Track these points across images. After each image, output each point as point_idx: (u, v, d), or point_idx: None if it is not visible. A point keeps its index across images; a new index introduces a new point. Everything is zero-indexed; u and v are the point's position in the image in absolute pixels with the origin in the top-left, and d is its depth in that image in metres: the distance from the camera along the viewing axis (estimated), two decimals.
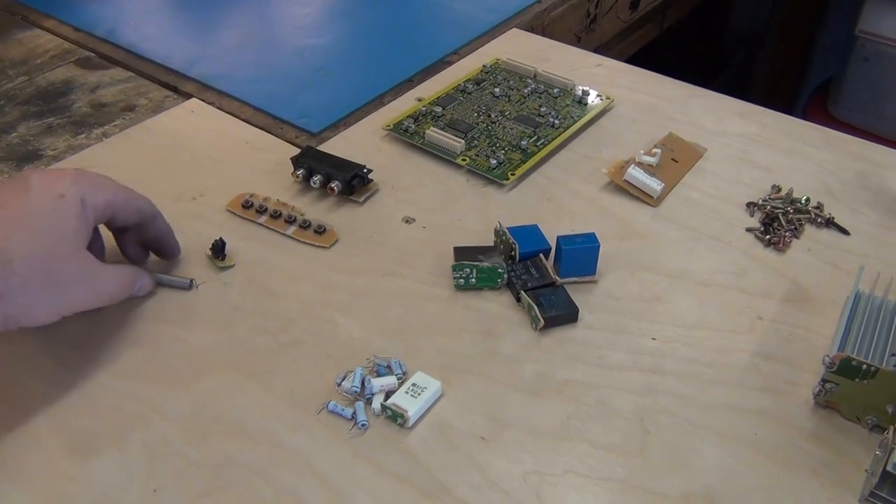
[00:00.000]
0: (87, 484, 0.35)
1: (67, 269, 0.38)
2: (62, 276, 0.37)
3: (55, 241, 0.37)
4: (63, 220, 0.38)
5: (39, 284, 0.36)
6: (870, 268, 0.44)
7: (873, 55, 1.25)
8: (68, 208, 0.38)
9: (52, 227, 0.37)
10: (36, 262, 0.36)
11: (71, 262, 0.38)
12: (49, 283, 0.37)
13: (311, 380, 0.40)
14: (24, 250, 0.36)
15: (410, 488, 0.35)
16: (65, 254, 0.38)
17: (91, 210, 0.39)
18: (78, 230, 0.38)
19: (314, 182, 0.51)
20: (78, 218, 0.38)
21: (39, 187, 0.38)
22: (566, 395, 0.40)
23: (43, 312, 0.37)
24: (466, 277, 0.45)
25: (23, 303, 0.36)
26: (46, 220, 0.37)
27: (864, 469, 0.36)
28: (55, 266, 0.37)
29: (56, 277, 0.37)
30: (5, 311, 0.36)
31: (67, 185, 0.39)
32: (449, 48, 0.70)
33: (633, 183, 0.52)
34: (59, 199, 0.38)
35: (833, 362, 0.37)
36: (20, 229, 0.36)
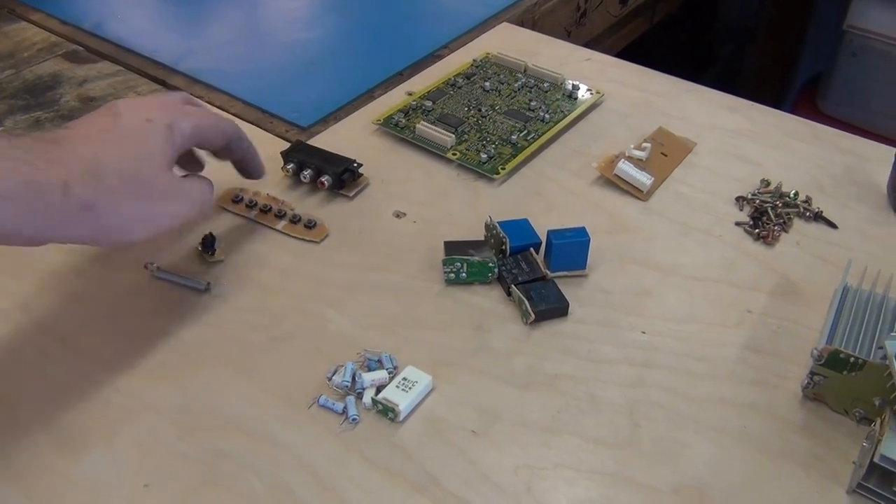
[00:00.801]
0: (77, 480, 0.35)
1: (154, 185, 0.39)
2: (150, 191, 0.39)
3: (142, 158, 0.38)
4: (150, 141, 0.39)
5: (129, 197, 0.37)
6: (857, 261, 0.44)
7: (861, 50, 1.25)
8: (155, 130, 0.40)
9: (140, 145, 0.39)
10: (125, 175, 0.37)
11: (157, 179, 0.39)
12: (138, 196, 0.38)
13: (301, 374, 0.40)
14: (113, 164, 0.37)
15: (401, 482, 0.36)
16: (151, 170, 0.39)
17: (178, 134, 0.41)
18: (164, 150, 0.40)
19: (304, 176, 0.51)
20: (165, 140, 0.40)
21: (128, 112, 0.40)
22: (556, 389, 0.40)
23: (134, 229, 0.38)
24: (457, 272, 0.45)
25: (115, 215, 0.37)
26: (134, 140, 0.39)
27: (851, 461, 0.37)
28: (143, 181, 0.38)
29: (144, 192, 0.38)
30: (97, 223, 0.36)
31: (154, 110, 0.40)
32: (439, 42, 0.70)
33: (623, 177, 0.53)
34: (146, 123, 0.40)
35: (821, 355, 0.37)
36: (109, 146, 0.38)
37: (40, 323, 0.42)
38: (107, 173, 0.37)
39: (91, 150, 0.37)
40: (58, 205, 0.35)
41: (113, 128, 0.39)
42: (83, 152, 0.37)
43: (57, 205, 0.35)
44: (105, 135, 0.38)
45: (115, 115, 0.39)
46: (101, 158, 0.37)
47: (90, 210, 0.36)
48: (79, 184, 0.35)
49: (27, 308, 0.43)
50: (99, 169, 0.36)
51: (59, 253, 0.46)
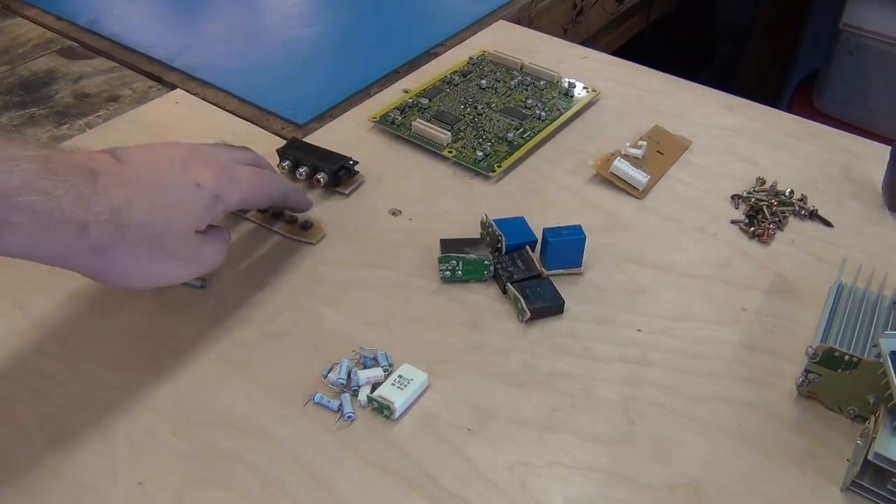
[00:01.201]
0: (71, 477, 0.35)
1: (174, 248, 0.38)
2: (167, 251, 0.38)
3: (172, 221, 0.38)
4: (190, 206, 0.39)
5: (143, 252, 0.37)
6: (852, 259, 0.45)
7: (857, 49, 1.25)
8: (200, 198, 0.39)
9: (176, 208, 0.38)
10: (148, 232, 0.37)
11: (179, 243, 0.38)
12: (152, 254, 0.37)
13: (297, 372, 0.40)
14: (140, 218, 0.36)
15: (397, 480, 0.36)
16: (177, 234, 0.38)
17: (222, 205, 0.40)
18: (200, 217, 0.39)
19: (300, 174, 0.51)
20: (205, 208, 0.39)
21: (183, 170, 0.39)
22: (552, 387, 0.40)
23: (136, 280, 0.38)
24: (453, 269, 0.45)
25: (122, 265, 0.37)
26: (173, 201, 0.38)
27: (846, 458, 0.37)
28: (164, 242, 0.38)
29: (160, 251, 0.38)
30: (102, 266, 0.36)
31: (209, 179, 0.40)
32: (435, 40, 0.70)
33: (619, 175, 0.53)
34: (194, 188, 0.39)
35: (816, 353, 0.37)
36: (146, 198, 0.37)
37: (35, 320, 0.42)
38: (130, 225, 0.36)
39: (125, 195, 0.36)
40: (69, 244, 0.35)
41: (158, 178, 0.38)
42: (116, 196, 0.36)
43: (68, 244, 0.35)
44: (147, 183, 0.37)
45: (170, 166, 0.39)
46: (131, 207, 0.36)
47: (100, 255, 0.36)
48: (97, 228, 0.35)
49: (22, 305, 0.43)
50: (125, 219, 0.36)
51: None
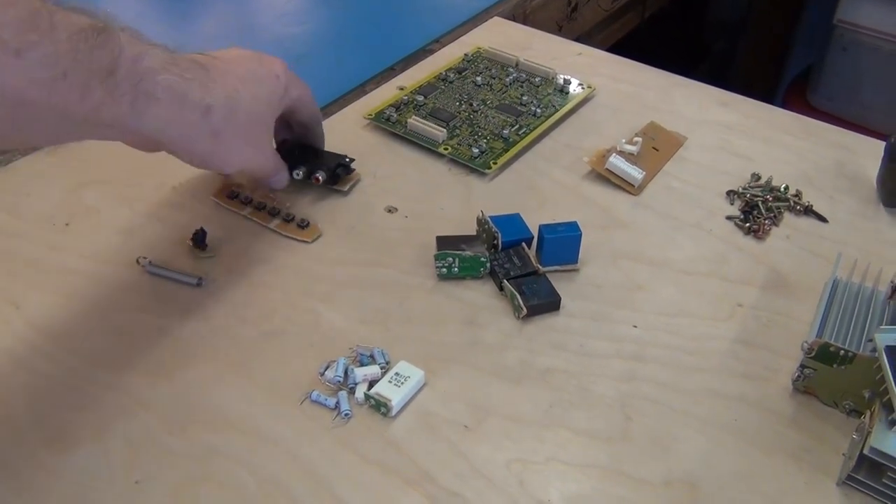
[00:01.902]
0: (68, 476, 0.35)
1: (263, 132, 0.45)
2: (258, 136, 0.44)
3: (265, 107, 0.44)
4: (272, 95, 0.45)
5: (243, 138, 0.43)
6: (847, 255, 0.45)
7: (851, 45, 1.26)
8: (278, 88, 0.45)
9: (268, 96, 0.45)
10: (251, 118, 0.43)
11: (265, 130, 0.45)
12: (247, 139, 0.43)
13: (293, 370, 0.40)
14: (246, 105, 0.42)
15: (394, 477, 0.36)
16: (266, 120, 0.45)
17: (288, 98, 0.46)
18: (277, 108, 0.46)
19: (297, 174, 0.50)
20: (281, 98, 0.46)
21: (262, 63, 0.45)
22: (549, 383, 0.40)
23: (233, 160, 0.44)
24: (449, 266, 0.45)
25: (229, 148, 0.42)
26: (265, 89, 0.44)
27: (841, 453, 0.37)
28: (259, 127, 0.44)
29: (255, 135, 0.44)
30: (215, 148, 0.41)
31: (281, 71, 0.46)
32: (430, 36, 0.70)
33: (615, 171, 0.53)
34: (275, 78, 0.45)
35: (811, 348, 0.37)
36: (248, 87, 0.43)
37: (31, 319, 0.42)
38: (240, 111, 0.42)
39: (232, 84, 0.41)
40: (196, 123, 0.40)
41: (250, 71, 0.44)
42: (226, 85, 0.41)
43: (195, 124, 0.40)
44: (244, 75, 0.43)
45: (254, 60, 0.45)
46: (238, 96, 0.42)
47: (216, 136, 0.41)
48: (218, 112, 0.40)
49: (17, 304, 0.43)
50: (236, 104, 0.41)
51: (49, 249, 0.46)
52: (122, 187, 0.51)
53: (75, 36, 0.33)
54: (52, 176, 0.51)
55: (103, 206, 0.49)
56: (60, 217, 0.48)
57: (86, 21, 0.34)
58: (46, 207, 0.49)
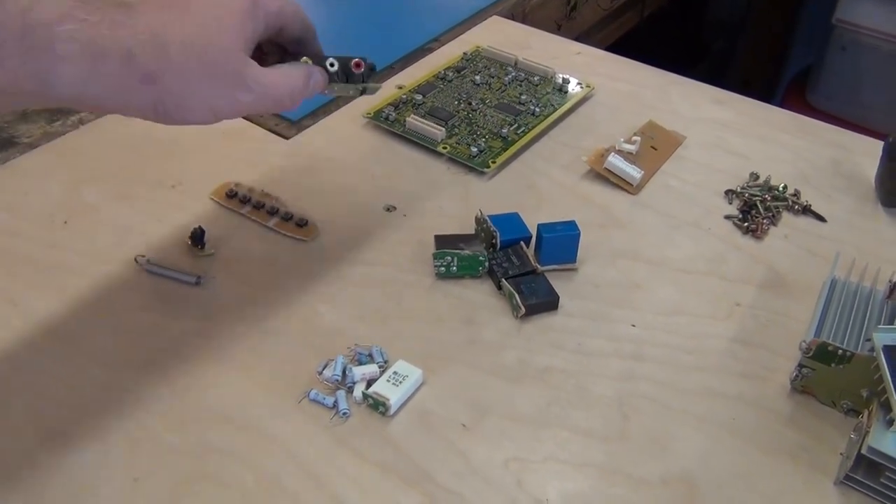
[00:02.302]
0: (66, 474, 0.35)
1: (226, 66, 0.36)
2: (220, 71, 0.35)
3: (214, 33, 0.35)
4: (228, 14, 0.36)
5: (195, 74, 0.35)
6: (845, 254, 0.45)
7: (850, 44, 1.26)
8: (238, 4, 0.36)
9: (215, 19, 0.35)
10: (193, 50, 0.34)
11: (230, 59, 0.36)
12: (206, 75, 0.35)
13: (292, 368, 0.40)
14: (181, 37, 0.34)
15: (392, 476, 0.36)
16: (225, 49, 0.35)
17: (262, 11, 0.37)
18: (241, 26, 0.36)
19: (332, 64, 0.43)
20: (245, 14, 0.36)
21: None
22: (547, 382, 0.40)
23: (197, 105, 0.35)
24: (447, 265, 0.45)
25: (178, 91, 0.34)
26: (211, 11, 0.36)
27: (839, 452, 0.37)
28: (213, 59, 0.35)
29: (214, 72, 0.35)
30: (159, 94, 0.34)
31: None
32: (429, 35, 0.70)
33: (613, 171, 0.53)
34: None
35: (809, 348, 0.37)
36: (180, 15, 0.35)
37: (29, 317, 0.42)
38: (173, 45, 0.34)
39: (160, 18, 0.34)
40: (118, 73, 0.33)
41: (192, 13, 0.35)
42: (151, 20, 0.34)
43: (117, 73, 0.33)
44: (178, 6, 0.35)
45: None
46: (168, 29, 0.34)
47: (152, 83, 0.34)
48: (142, 54, 0.33)
49: (16, 302, 0.43)
50: (166, 40, 0.34)
51: (47, 247, 0.46)
52: (121, 186, 0.51)
53: None
54: (50, 174, 0.51)
55: (102, 205, 0.49)
56: (59, 215, 0.48)
57: None
58: (45, 206, 0.49)
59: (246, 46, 0.37)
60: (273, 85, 0.38)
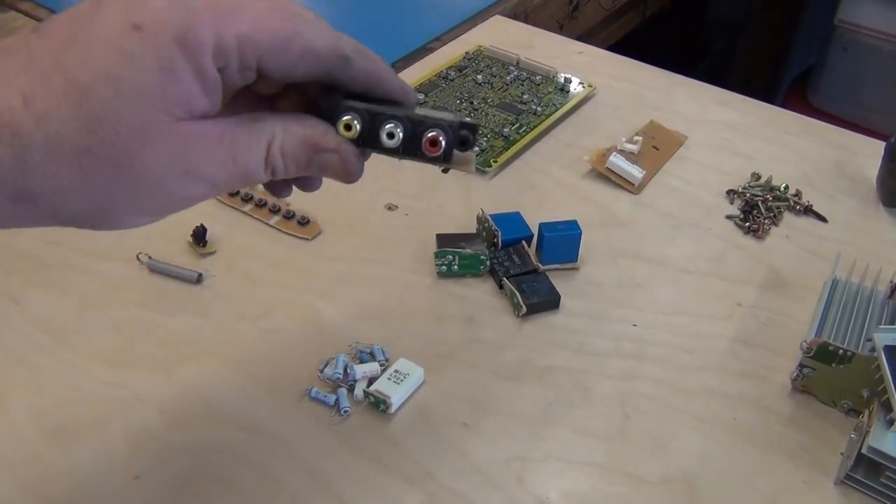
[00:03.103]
0: (67, 471, 0.35)
1: (140, 161, 0.23)
2: (133, 171, 0.23)
3: (116, 110, 0.22)
4: (133, 70, 0.22)
5: (96, 180, 0.22)
6: (846, 254, 0.45)
7: (852, 45, 1.25)
8: (147, 48, 0.22)
9: (115, 80, 0.22)
10: (81, 147, 0.22)
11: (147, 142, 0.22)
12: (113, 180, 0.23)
13: (293, 366, 0.40)
14: (62, 124, 0.21)
15: (393, 474, 0.36)
16: (132, 131, 0.22)
17: (201, 51, 0.23)
18: (160, 90, 0.22)
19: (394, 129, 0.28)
20: (162, 70, 0.22)
21: (109, 10, 0.23)
22: (548, 381, 0.40)
23: (115, 220, 0.24)
24: (449, 264, 0.45)
25: (73, 208, 0.23)
26: (103, 70, 0.22)
27: (839, 452, 0.37)
28: (115, 156, 0.22)
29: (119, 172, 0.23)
30: (44, 217, 0.23)
31: (154, 7, 0.22)
32: (431, 35, 0.70)
33: (615, 170, 0.53)
34: (129, 34, 0.22)
35: (810, 347, 0.37)
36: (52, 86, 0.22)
37: (31, 314, 0.42)
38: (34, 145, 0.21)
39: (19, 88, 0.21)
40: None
41: (75, 38, 0.22)
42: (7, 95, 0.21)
43: None
44: (57, 56, 0.22)
45: (92, 14, 0.23)
46: (31, 108, 0.21)
47: (27, 202, 0.22)
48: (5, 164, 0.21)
49: (16, 299, 0.43)
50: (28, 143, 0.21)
51: (48, 244, 0.46)
52: None
53: None
54: None
55: None
56: None
57: None
58: None
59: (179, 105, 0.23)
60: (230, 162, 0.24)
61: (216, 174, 0.24)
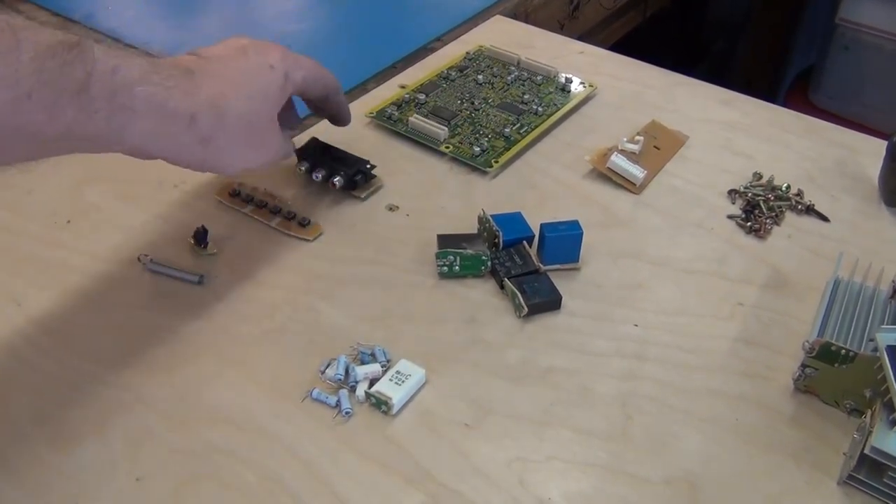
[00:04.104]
0: (69, 473, 0.35)
1: (262, 132, 0.42)
2: (257, 135, 0.42)
3: (260, 104, 0.42)
4: (270, 89, 0.42)
5: (240, 140, 0.41)
6: (849, 254, 0.45)
7: (853, 43, 1.25)
8: (275, 78, 0.43)
9: (261, 93, 0.42)
10: (243, 119, 0.40)
11: (267, 127, 0.43)
12: (246, 138, 0.41)
13: (294, 367, 0.40)
14: (236, 106, 0.40)
15: (395, 475, 0.36)
16: (265, 118, 0.42)
17: (291, 84, 0.44)
18: (278, 98, 0.43)
19: (317, 177, 0.50)
20: (280, 88, 0.43)
21: (255, 55, 0.42)
22: (549, 382, 0.40)
23: (234, 163, 0.42)
24: (450, 265, 0.45)
25: (224, 153, 0.40)
26: (257, 85, 0.42)
27: (842, 452, 0.37)
28: (255, 126, 0.42)
29: (252, 135, 0.42)
30: (208, 154, 0.40)
31: (277, 58, 0.43)
32: (432, 35, 0.70)
33: (616, 170, 0.53)
34: (269, 69, 0.42)
35: (813, 347, 0.37)
36: (235, 86, 0.40)
37: (32, 316, 0.42)
38: (229, 113, 0.39)
39: (219, 87, 0.39)
40: (182, 133, 0.38)
41: (240, 68, 0.41)
42: (212, 89, 0.39)
43: (181, 133, 0.38)
44: (233, 74, 0.41)
45: (243, 54, 0.42)
46: (226, 98, 0.39)
47: (207, 143, 0.39)
48: (204, 119, 0.38)
49: (19, 301, 0.43)
50: (224, 108, 0.39)
51: (51, 247, 0.46)
52: (124, 185, 0.51)
53: (43, 54, 0.32)
54: (53, 173, 0.51)
55: (105, 204, 0.49)
56: (62, 214, 0.48)
57: (56, 37, 0.32)
58: (48, 205, 0.49)
59: (277, 113, 0.43)
60: (281, 149, 0.45)
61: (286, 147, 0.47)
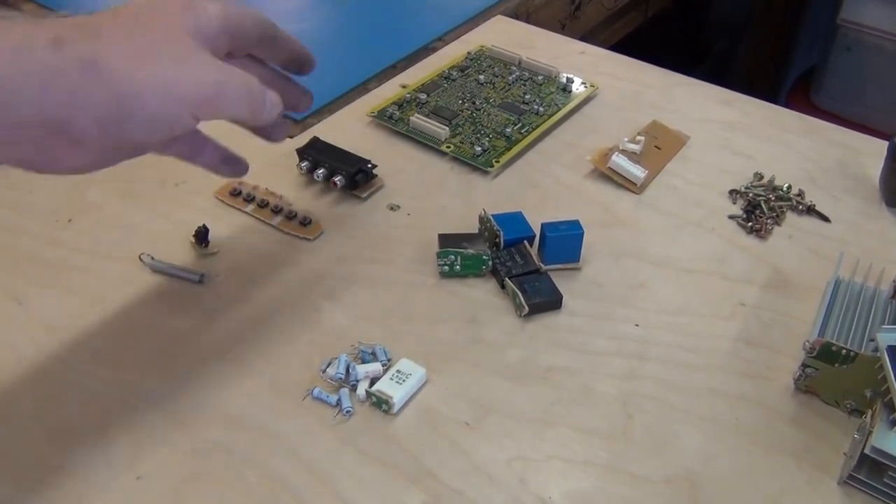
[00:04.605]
0: (70, 471, 0.35)
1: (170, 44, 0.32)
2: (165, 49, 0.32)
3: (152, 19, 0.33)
4: (165, 8, 0.33)
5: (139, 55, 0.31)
6: (849, 254, 0.45)
7: (855, 44, 1.25)
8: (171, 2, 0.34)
9: (150, 8, 0.33)
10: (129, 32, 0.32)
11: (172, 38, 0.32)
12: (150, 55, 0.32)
13: (295, 366, 0.40)
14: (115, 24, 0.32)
15: (395, 474, 0.36)
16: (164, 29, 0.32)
17: (202, 11, 0.34)
18: (182, 20, 0.33)
19: (318, 175, 0.50)
20: (184, 8, 0.34)
21: None
22: (550, 381, 0.40)
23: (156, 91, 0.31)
24: (451, 264, 0.45)
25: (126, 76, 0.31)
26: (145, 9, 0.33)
27: (842, 452, 0.37)
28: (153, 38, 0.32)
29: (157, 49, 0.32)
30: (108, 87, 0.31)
31: None
32: (433, 35, 0.70)
33: (617, 170, 0.53)
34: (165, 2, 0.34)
35: (813, 347, 0.37)
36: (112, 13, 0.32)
37: (34, 315, 0.42)
38: (106, 30, 0.31)
39: (92, 17, 0.32)
40: (52, 62, 0.29)
41: (123, 9, 0.33)
42: (81, 19, 0.32)
43: (51, 62, 0.29)
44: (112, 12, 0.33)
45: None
46: (100, 21, 0.32)
47: (92, 68, 0.30)
48: (71, 37, 0.30)
49: (20, 300, 0.43)
50: (98, 27, 0.31)
51: (52, 245, 0.46)
52: (125, 184, 0.51)
53: None
54: None
55: (106, 203, 0.49)
56: (63, 213, 0.49)
57: None
58: (49, 204, 0.49)
59: (192, 35, 0.33)
60: (232, 70, 0.34)
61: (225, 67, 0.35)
